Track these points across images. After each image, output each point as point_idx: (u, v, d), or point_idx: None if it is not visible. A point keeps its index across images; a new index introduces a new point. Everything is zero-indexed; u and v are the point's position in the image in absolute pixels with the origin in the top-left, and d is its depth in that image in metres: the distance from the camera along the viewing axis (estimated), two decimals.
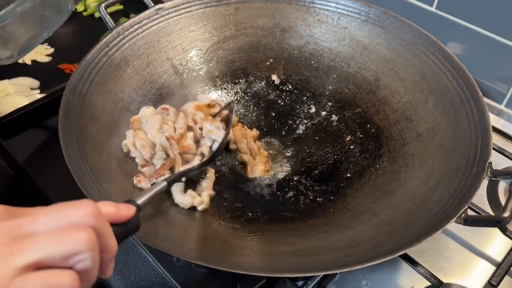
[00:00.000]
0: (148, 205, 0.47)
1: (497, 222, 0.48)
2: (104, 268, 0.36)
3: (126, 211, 0.39)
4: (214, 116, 0.73)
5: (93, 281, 0.33)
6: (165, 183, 0.52)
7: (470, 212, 0.51)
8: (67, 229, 0.31)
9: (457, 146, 0.61)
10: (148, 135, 0.65)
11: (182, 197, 0.61)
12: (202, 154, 0.66)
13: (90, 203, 0.34)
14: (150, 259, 0.62)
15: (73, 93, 0.61)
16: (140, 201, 0.44)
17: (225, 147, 0.71)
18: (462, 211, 0.49)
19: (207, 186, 0.64)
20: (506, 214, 0.47)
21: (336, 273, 0.62)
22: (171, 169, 0.63)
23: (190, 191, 0.62)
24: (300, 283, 0.60)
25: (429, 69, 0.71)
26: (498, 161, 0.75)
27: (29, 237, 0.30)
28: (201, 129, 0.68)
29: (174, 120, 0.68)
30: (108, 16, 0.73)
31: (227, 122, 0.71)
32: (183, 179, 0.61)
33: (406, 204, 0.58)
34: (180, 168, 0.63)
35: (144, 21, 0.74)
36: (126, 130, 0.67)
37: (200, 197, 0.62)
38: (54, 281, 0.30)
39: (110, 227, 0.36)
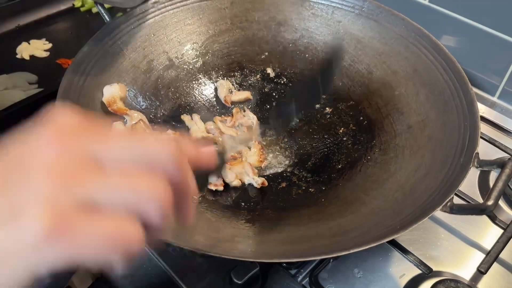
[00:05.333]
0: None
1: (482, 210, 0.50)
2: (184, 214, 0.31)
3: (208, 154, 0.34)
4: None
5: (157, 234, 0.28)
6: None
7: (456, 201, 0.52)
8: (142, 176, 0.26)
9: (446, 137, 0.62)
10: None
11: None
12: None
13: (171, 142, 0.28)
14: (146, 248, 0.64)
15: (68, 87, 0.62)
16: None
17: None
18: (448, 200, 0.51)
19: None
20: (490, 202, 0.48)
21: (329, 262, 0.63)
22: None
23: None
24: (293, 272, 0.62)
25: (421, 62, 0.71)
26: (490, 152, 0.76)
27: (99, 172, 0.26)
28: None
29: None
30: (105, 11, 0.74)
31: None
32: None
33: (395, 194, 0.59)
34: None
35: (140, 15, 0.75)
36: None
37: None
38: (122, 233, 0.25)
39: (190, 169, 0.30)
